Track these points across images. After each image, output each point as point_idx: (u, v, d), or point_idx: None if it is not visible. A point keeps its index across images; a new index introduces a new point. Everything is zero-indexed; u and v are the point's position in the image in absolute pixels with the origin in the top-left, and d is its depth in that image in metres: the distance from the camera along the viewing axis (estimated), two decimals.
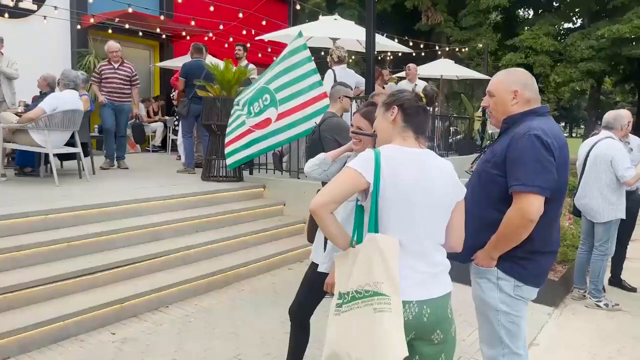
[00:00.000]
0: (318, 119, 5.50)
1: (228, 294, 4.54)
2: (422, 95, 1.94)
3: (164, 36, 11.95)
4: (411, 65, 8.36)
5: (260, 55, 13.00)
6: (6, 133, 5.54)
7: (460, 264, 2.32)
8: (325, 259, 2.66)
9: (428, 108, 1.96)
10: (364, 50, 9.07)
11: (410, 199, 1.76)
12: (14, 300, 3.48)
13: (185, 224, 5.11)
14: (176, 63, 11.79)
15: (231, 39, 11.89)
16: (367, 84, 6.03)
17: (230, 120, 5.94)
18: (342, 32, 8.39)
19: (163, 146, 11.83)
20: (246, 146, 5.76)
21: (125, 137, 7.88)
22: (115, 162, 7.55)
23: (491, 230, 2.19)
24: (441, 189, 1.83)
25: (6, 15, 9.76)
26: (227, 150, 5.96)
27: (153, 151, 11.58)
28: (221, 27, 10.87)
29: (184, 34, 11.48)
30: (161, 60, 12.88)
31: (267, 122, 5.64)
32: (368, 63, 5.97)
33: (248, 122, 5.70)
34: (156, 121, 11.80)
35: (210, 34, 11.58)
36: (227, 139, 5.94)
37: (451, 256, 1.96)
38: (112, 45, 7.44)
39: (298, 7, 15.02)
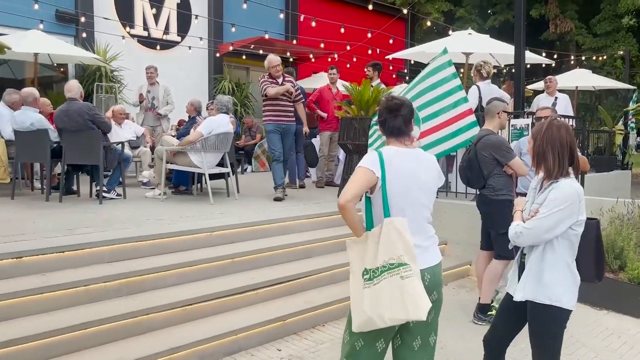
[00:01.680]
0: (463, 136, 5.38)
1: None
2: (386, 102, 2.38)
3: (290, 59, 12.45)
4: (552, 77, 7.82)
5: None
6: (168, 155, 6.03)
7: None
8: (520, 288, 2.49)
9: (396, 110, 2.35)
10: (496, 64, 8.74)
11: (408, 187, 2.25)
12: (191, 312, 3.70)
13: (332, 242, 5.16)
14: (300, 85, 12.20)
15: (355, 59, 12.07)
16: (516, 99, 5.73)
17: (371, 141, 5.95)
18: (476, 46, 8.12)
19: None
20: None
21: (293, 161, 7.01)
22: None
23: None
24: (429, 178, 2.33)
25: (158, 47, 10.78)
26: None
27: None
28: (348, 47, 11.07)
29: (311, 56, 11.85)
30: None
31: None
32: (517, 77, 5.67)
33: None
34: None
35: (336, 55, 11.84)
36: None
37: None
38: (273, 59, 6.45)
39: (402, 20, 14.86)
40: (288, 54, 11.89)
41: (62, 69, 10.28)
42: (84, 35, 9.82)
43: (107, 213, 5.14)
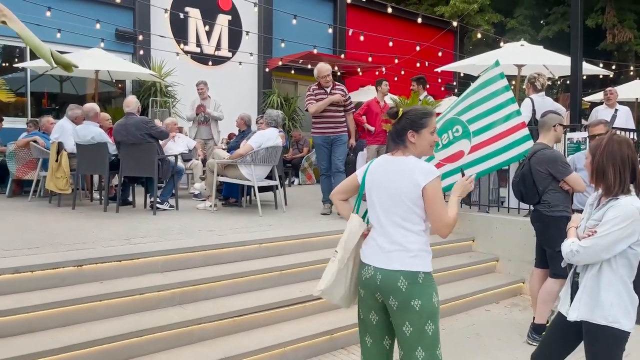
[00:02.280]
0: (516, 150, 5.24)
1: None
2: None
3: (338, 73, 12.55)
4: (612, 89, 7.50)
5: (428, 86, 12.95)
6: (219, 167, 6.18)
7: None
8: (574, 308, 2.40)
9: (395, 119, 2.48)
10: (551, 75, 8.49)
11: (371, 192, 2.47)
12: (241, 323, 3.75)
13: None
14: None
15: (403, 72, 12.03)
16: (573, 112, 5.53)
17: None
18: (528, 58, 7.93)
19: None
20: None
21: (343, 173, 6.26)
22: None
23: None
24: (397, 185, 2.37)
25: (210, 63, 11.12)
26: None
27: None
28: (396, 60, 11.06)
29: (358, 70, 11.90)
30: None
31: (459, 154, 5.47)
32: (574, 88, 5.48)
33: (437, 156, 5.59)
34: None
35: (383, 69, 11.84)
36: None
37: None
38: (323, 68, 6.22)
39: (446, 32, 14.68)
40: (336, 67, 11.99)
41: (119, 85, 10.77)
42: (141, 52, 10.26)
43: (160, 224, 5.31)
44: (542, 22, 20.78)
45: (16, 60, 9.52)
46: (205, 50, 11.35)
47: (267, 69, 11.89)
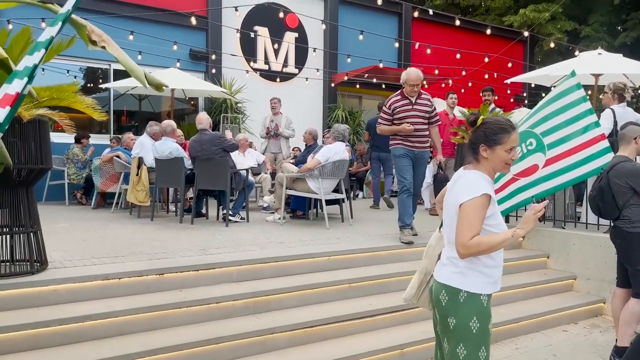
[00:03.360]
0: (594, 164, 5.02)
1: (501, 351, 4.26)
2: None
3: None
4: None
5: (496, 97, 12.64)
6: (288, 181, 6.34)
7: None
8: None
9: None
10: (631, 85, 8.05)
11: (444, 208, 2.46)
12: (312, 334, 3.82)
13: None
14: None
15: (470, 84, 11.82)
16: None
17: None
18: (606, 66, 7.57)
19: None
20: (510, 196, 5.48)
21: (416, 196, 5.72)
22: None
23: None
24: (451, 200, 2.34)
25: (277, 79, 11.45)
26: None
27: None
28: (463, 72, 10.90)
29: (424, 82, 11.81)
30: None
31: (534, 168, 5.30)
32: None
33: (511, 170, 5.44)
34: None
35: (450, 81, 11.70)
36: None
37: None
38: (413, 75, 5.44)
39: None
40: (401, 81, 11.96)
41: (192, 102, 11.30)
42: (213, 71, 10.74)
43: (233, 235, 5.51)
44: (619, 28, 19.73)
45: (100, 81, 10.24)
46: (273, 67, 11.70)
47: (332, 84, 12.07)
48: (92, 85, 10.33)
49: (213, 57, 10.67)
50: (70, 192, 8.88)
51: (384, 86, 12.08)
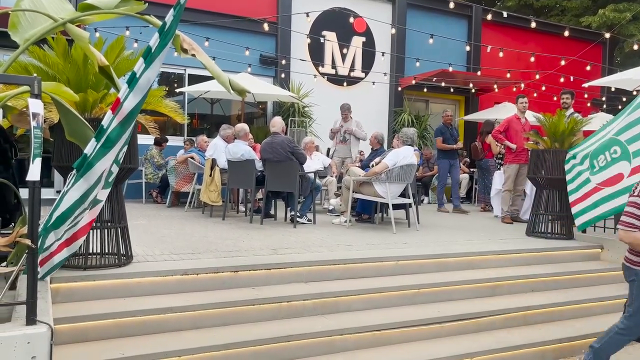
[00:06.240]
0: None
1: None
2: None
3: (473, 90, 12.25)
4: None
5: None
6: (354, 185, 6.40)
7: None
8: None
9: None
10: None
11: None
12: (379, 338, 3.84)
13: (521, 281, 4.91)
14: (482, 116, 11.91)
15: (543, 88, 11.39)
16: None
17: (570, 177, 5.57)
18: None
19: (467, 197, 11.91)
20: (594, 206, 5.27)
21: None
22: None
23: None
24: None
25: (344, 84, 11.55)
26: (574, 210, 5.62)
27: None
28: (537, 76, 10.53)
29: (495, 86, 11.52)
30: (466, 113, 13.21)
31: (619, 177, 5.07)
32: None
33: (593, 179, 5.24)
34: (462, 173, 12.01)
35: (522, 85, 11.33)
36: (571, 198, 5.59)
37: None
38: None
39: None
40: (470, 85, 11.73)
41: (261, 106, 11.62)
42: (282, 75, 10.99)
43: (301, 236, 5.63)
44: None
45: (175, 85, 10.75)
46: (340, 71, 11.81)
47: (399, 88, 12.01)
48: (167, 89, 10.87)
49: (283, 62, 10.92)
50: (147, 191, 9.39)
51: (452, 90, 11.87)
